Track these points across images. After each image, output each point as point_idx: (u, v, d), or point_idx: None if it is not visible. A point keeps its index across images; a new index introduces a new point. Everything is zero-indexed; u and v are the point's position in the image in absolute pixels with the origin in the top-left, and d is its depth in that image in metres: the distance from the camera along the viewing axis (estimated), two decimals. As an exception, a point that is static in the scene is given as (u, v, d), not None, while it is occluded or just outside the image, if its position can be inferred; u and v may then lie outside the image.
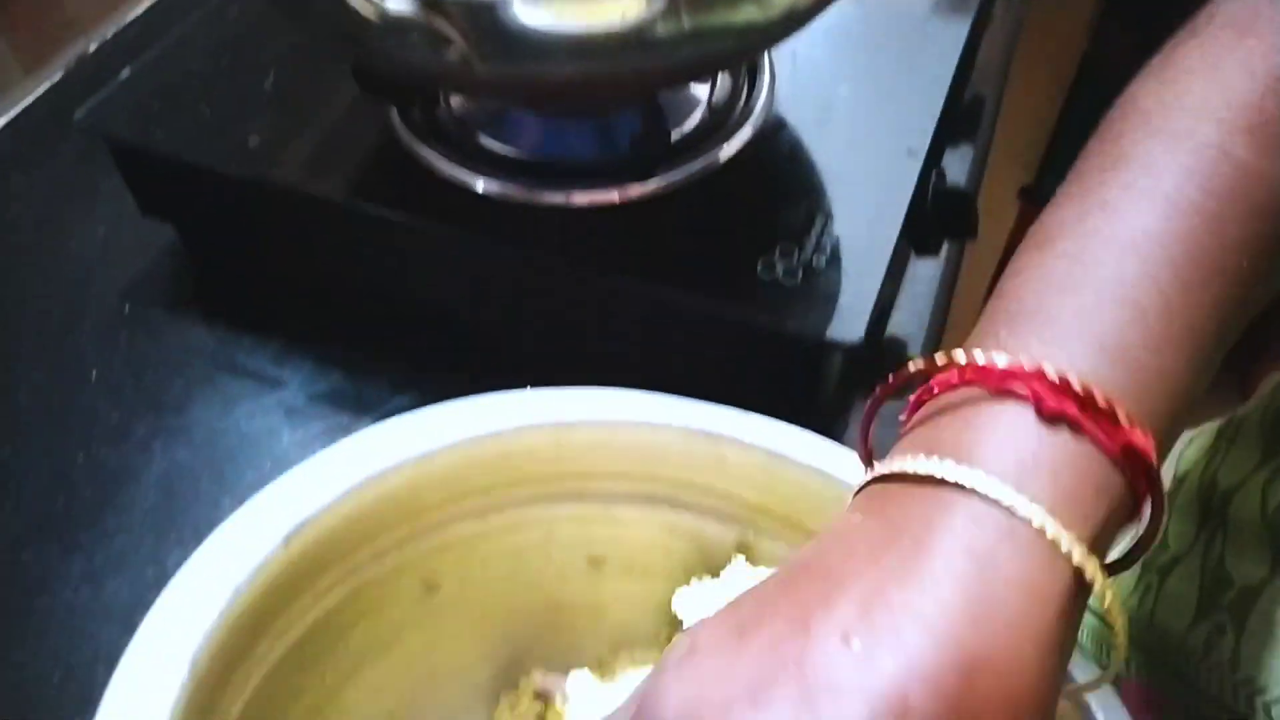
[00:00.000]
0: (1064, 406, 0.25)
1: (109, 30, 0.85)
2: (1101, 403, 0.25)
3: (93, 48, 0.84)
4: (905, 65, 0.64)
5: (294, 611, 0.39)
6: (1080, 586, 0.25)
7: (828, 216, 0.56)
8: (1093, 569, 0.25)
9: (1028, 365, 0.26)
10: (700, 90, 0.63)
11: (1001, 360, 0.26)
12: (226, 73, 0.65)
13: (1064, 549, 0.24)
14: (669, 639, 0.48)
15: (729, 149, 0.59)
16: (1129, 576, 0.49)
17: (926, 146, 0.58)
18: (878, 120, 0.61)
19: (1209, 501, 0.45)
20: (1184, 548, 0.45)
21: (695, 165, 0.58)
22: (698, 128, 0.61)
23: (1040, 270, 0.29)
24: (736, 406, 0.44)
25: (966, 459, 0.25)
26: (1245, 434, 0.45)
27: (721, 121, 0.61)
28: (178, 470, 0.61)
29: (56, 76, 0.82)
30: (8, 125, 0.78)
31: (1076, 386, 0.25)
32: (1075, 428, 0.25)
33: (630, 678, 0.46)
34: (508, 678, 0.49)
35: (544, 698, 0.48)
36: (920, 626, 0.23)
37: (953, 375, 0.28)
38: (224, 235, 0.67)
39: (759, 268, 0.53)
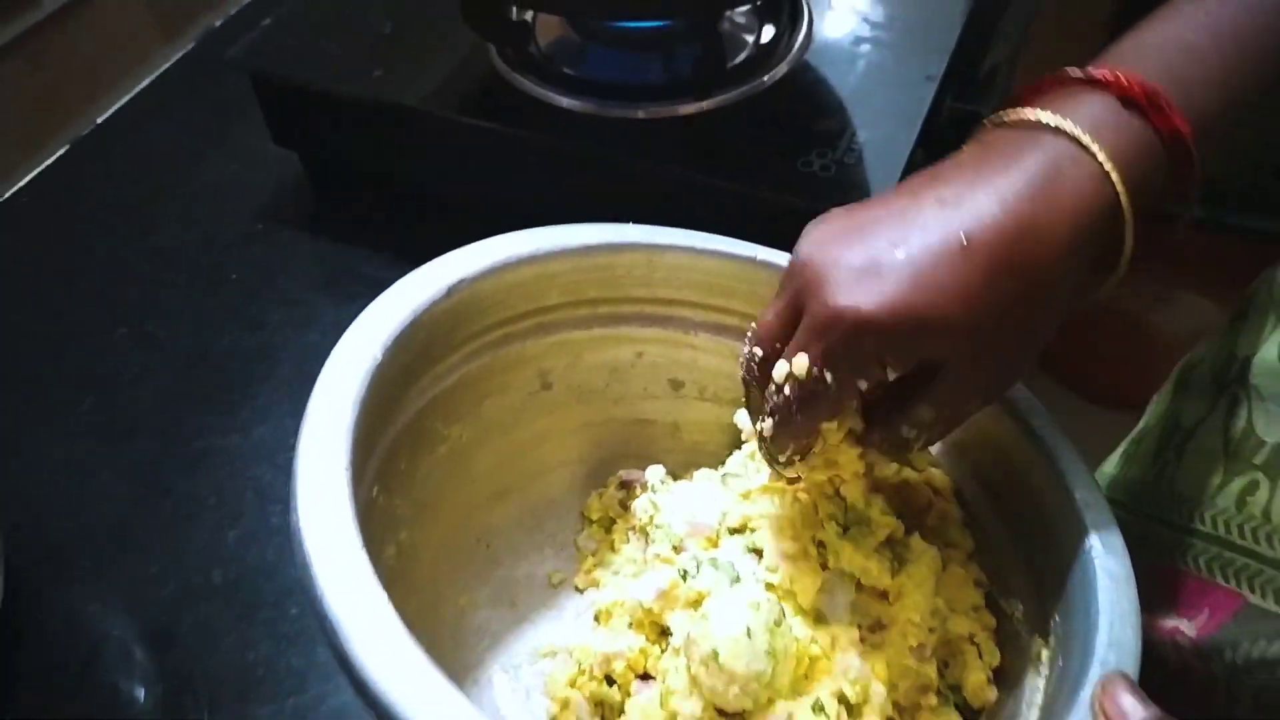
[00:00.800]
0: (1133, 92, 0.37)
1: (233, 8, 0.99)
2: (1160, 99, 0.37)
3: (218, 23, 0.97)
4: (926, 4, 0.76)
5: (446, 363, 0.49)
6: (1114, 211, 0.37)
7: (856, 128, 0.67)
8: (1125, 196, 0.37)
9: (1111, 72, 0.39)
10: (749, 32, 0.75)
11: (1094, 70, 0.39)
12: (351, 19, 0.78)
13: (1111, 176, 0.37)
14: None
15: (774, 75, 0.71)
16: (1147, 457, 0.53)
17: (942, 72, 0.69)
18: (901, 51, 0.72)
19: (1225, 373, 0.48)
20: (1197, 419, 0.49)
21: (745, 88, 0.70)
22: (747, 58, 0.73)
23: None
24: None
25: (1058, 114, 0.38)
26: (1258, 304, 0.49)
27: (768, 54, 0.73)
28: (308, 350, 0.72)
29: (190, 45, 0.95)
30: (151, 84, 0.92)
31: (1144, 84, 0.38)
32: (1139, 109, 0.38)
33: (700, 477, 0.56)
34: (599, 478, 0.59)
35: (626, 487, 0.57)
36: (994, 197, 0.36)
37: (1058, 75, 0.40)
38: (344, 159, 0.79)
39: (798, 164, 0.64)
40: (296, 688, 0.56)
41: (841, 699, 0.44)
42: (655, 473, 0.56)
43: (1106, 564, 0.41)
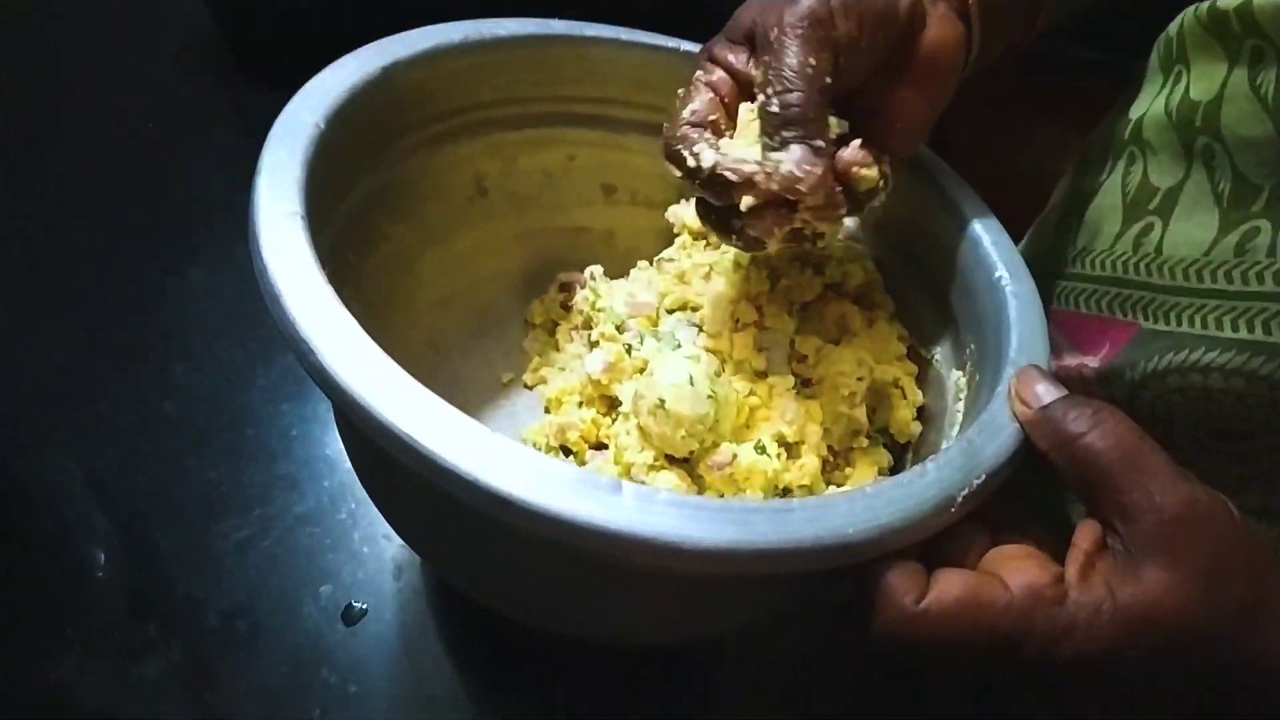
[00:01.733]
0: None
1: None
2: None
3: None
4: None
5: (385, 156, 0.50)
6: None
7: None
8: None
9: None
10: None
11: None
12: None
13: None
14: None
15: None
16: (1049, 228, 0.56)
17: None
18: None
19: (1120, 136, 0.51)
20: (1098, 184, 0.51)
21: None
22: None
23: None
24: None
25: None
26: (1152, 66, 0.50)
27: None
28: (237, 192, 0.71)
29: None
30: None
31: None
32: None
33: (636, 271, 0.58)
34: (539, 286, 0.61)
35: (567, 289, 0.59)
36: None
37: None
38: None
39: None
40: (261, 499, 0.58)
41: (781, 440, 0.48)
42: (594, 270, 0.58)
43: (1015, 288, 0.45)
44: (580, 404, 0.53)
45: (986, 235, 0.48)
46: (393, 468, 0.34)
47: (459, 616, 0.55)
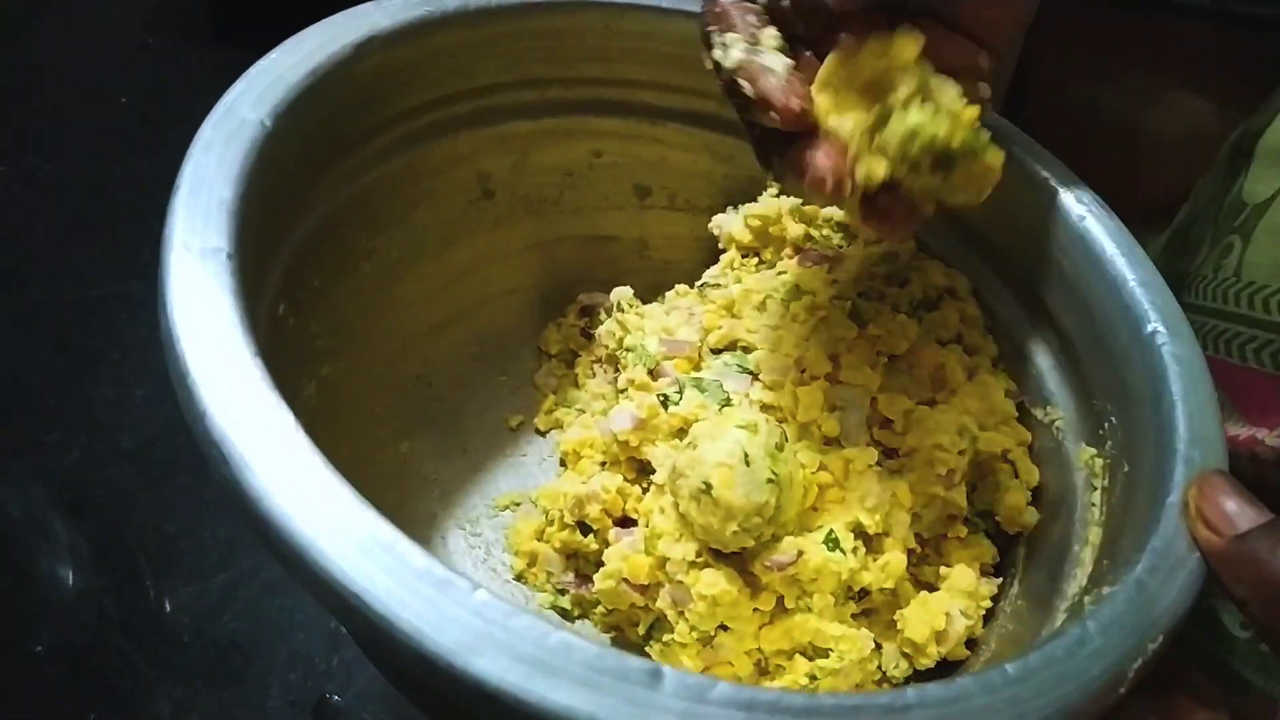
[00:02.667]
0: None
1: None
2: None
3: None
4: None
5: (361, 154, 0.40)
6: None
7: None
8: None
9: None
10: None
11: None
12: None
13: None
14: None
15: None
16: (1196, 245, 0.46)
17: None
18: None
19: None
20: (1271, 193, 0.41)
21: None
22: None
23: None
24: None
25: None
26: None
27: None
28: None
29: None
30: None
31: None
32: None
33: (673, 298, 0.47)
34: (556, 306, 0.50)
35: (588, 314, 0.49)
36: None
37: None
38: None
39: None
40: (224, 562, 0.48)
41: (858, 530, 0.38)
42: (622, 293, 0.47)
43: (1176, 350, 0.34)
44: (604, 464, 0.43)
45: (1131, 273, 0.37)
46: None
47: (451, 717, 0.45)
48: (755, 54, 0.32)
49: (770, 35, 0.33)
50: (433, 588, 0.23)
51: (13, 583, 0.46)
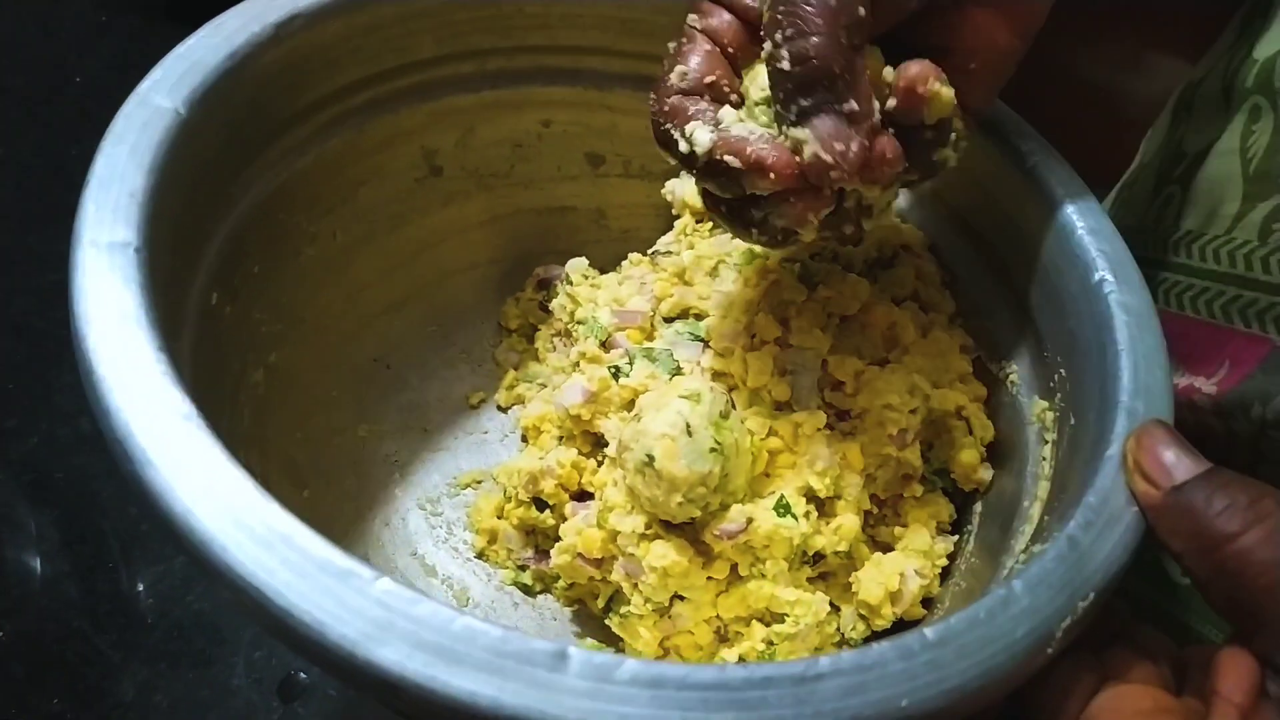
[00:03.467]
0: None
1: None
2: None
3: None
4: None
5: (294, 136, 0.39)
6: None
7: None
8: None
9: None
10: None
11: None
12: None
13: None
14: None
15: None
16: (1143, 197, 0.45)
17: None
18: None
19: (1238, 83, 0.40)
20: (1207, 143, 0.41)
21: None
22: None
23: None
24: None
25: None
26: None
27: None
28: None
29: None
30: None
31: None
32: None
33: (630, 265, 0.47)
34: (516, 280, 0.50)
35: (546, 286, 0.48)
36: None
37: None
38: None
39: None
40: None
41: (809, 495, 0.37)
42: (576, 265, 0.47)
43: (1123, 298, 0.34)
44: (560, 438, 0.43)
45: (1080, 220, 0.36)
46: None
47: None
48: (724, 131, 0.30)
49: (728, 113, 0.31)
50: (333, 578, 0.23)
51: None
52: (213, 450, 0.24)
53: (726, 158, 0.30)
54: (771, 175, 0.29)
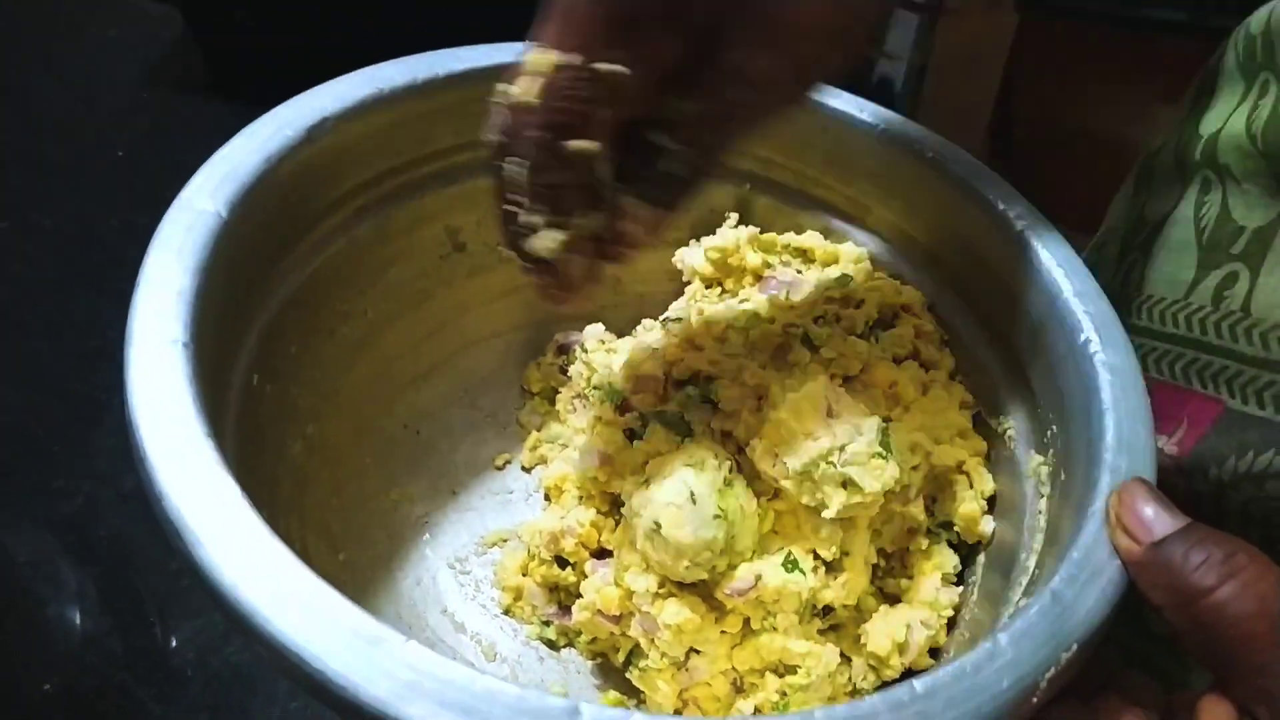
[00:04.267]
0: None
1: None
2: None
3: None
4: None
5: (326, 226, 0.42)
6: None
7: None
8: None
9: None
10: None
11: None
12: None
13: None
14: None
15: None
16: (1110, 261, 0.47)
17: None
18: None
19: (1189, 156, 0.42)
20: (1164, 212, 0.43)
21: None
22: None
23: None
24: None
25: None
26: (1225, 71, 0.42)
27: None
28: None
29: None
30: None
31: None
32: None
33: (645, 329, 0.49)
34: (537, 345, 0.52)
35: (565, 351, 0.51)
36: None
37: None
38: (230, 10, 0.70)
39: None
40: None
41: (816, 553, 0.39)
42: (593, 331, 0.49)
43: (1107, 358, 0.35)
44: (580, 498, 0.45)
45: (1067, 282, 0.38)
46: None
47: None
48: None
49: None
50: (366, 643, 0.25)
51: (21, 626, 0.48)
52: (257, 529, 0.27)
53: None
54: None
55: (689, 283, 0.49)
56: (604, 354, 0.48)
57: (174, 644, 0.49)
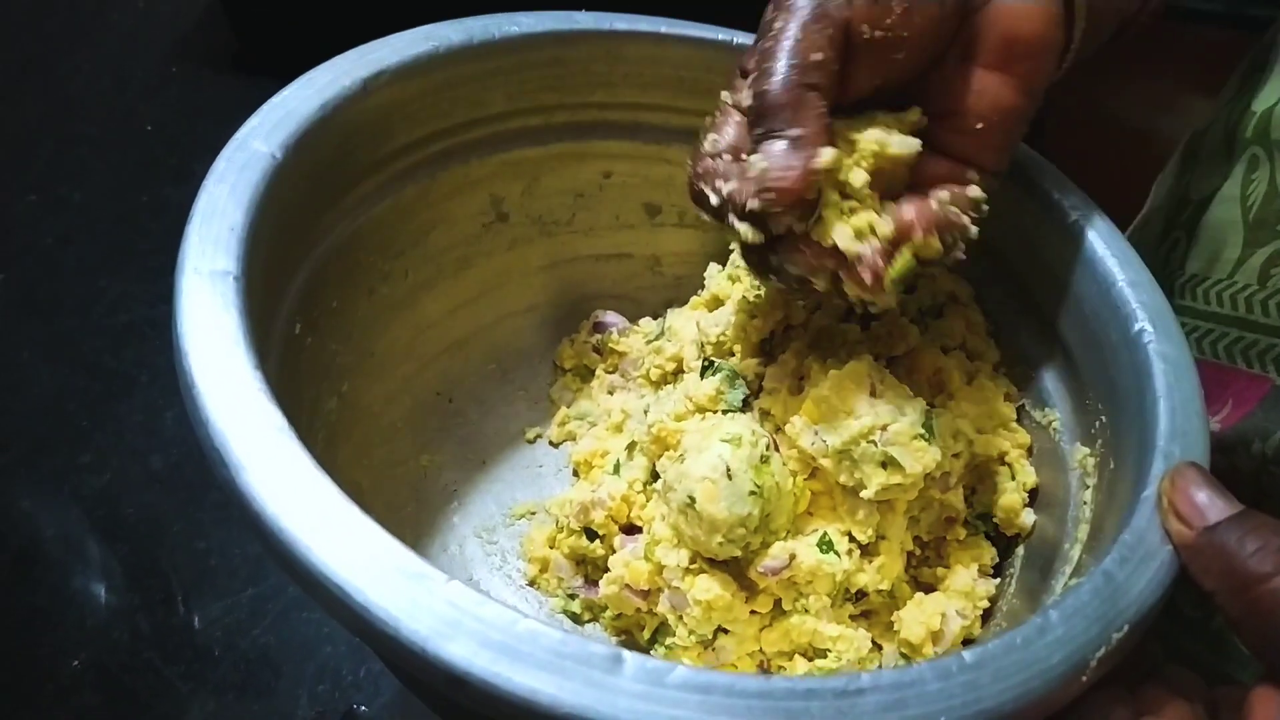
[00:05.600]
0: None
1: None
2: None
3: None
4: None
5: (373, 181, 0.42)
6: None
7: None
8: None
9: None
10: None
11: None
12: None
13: None
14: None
15: None
16: (1152, 241, 0.47)
17: None
18: None
19: (1239, 134, 0.42)
20: (1211, 190, 0.42)
21: None
22: None
23: None
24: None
25: None
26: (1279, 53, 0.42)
27: None
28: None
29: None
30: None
31: None
32: None
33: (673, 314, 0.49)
34: (572, 322, 0.52)
35: (601, 330, 0.51)
36: None
37: None
38: None
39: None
40: (253, 577, 0.50)
41: (851, 535, 0.38)
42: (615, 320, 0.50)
43: (1162, 348, 0.35)
44: (616, 468, 0.44)
45: (1121, 272, 0.37)
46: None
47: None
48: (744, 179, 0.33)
49: None
50: (408, 579, 0.25)
51: (50, 602, 0.48)
52: (302, 459, 0.27)
53: (749, 202, 0.32)
54: (773, 194, 0.32)
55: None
56: (639, 334, 0.47)
57: (200, 624, 0.49)
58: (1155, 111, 0.61)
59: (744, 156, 0.33)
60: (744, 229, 0.33)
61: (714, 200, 0.34)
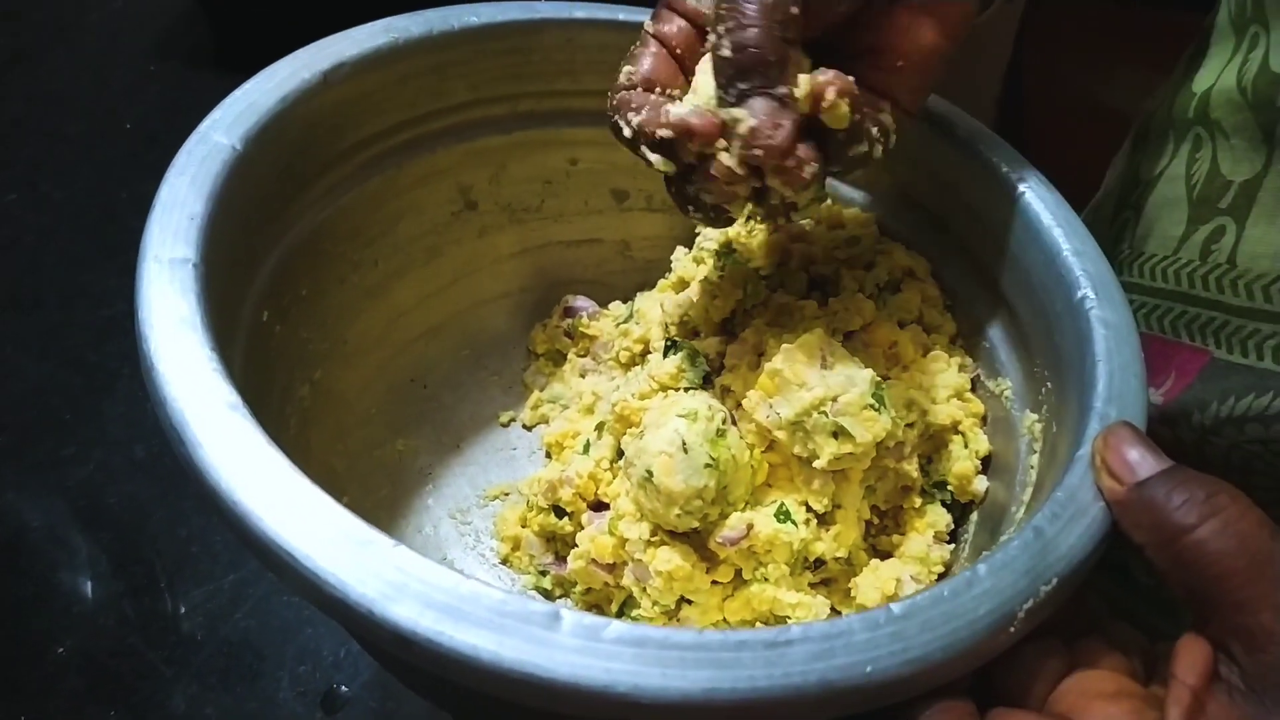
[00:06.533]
0: None
1: None
2: None
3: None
4: None
5: (339, 172, 0.43)
6: None
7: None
8: None
9: None
10: None
11: None
12: None
13: None
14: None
15: None
16: (1105, 221, 0.48)
17: None
18: None
19: (1183, 114, 0.43)
20: (1158, 170, 0.44)
21: None
22: None
23: None
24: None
25: None
26: (1219, 31, 0.43)
27: None
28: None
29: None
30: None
31: None
32: None
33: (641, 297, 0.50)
34: (545, 308, 0.53)
35: (571, 315, 0.52)
36: None
37: None
38: None
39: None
40: (234, 563, 0.52)
41: (809, 505, 0.39)
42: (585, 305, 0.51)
43: (1103, 314, 0.36)
44: (586, 448, 0.45)
45: (1066, 242, 0.38)
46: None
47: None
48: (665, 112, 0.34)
49: (675, 106, 0.34)
50: (356, 545, 0.26)
51: (35, 592, 0.50)
52: (254, 435, 0.28)
53: (659, 131, 0.33)
54: (695, 134, 0.33)
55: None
56: (608, 318, 0.48)
57: (184, 610, 0.50)
58: (1134, 96, 0.62)
59: (659, 90, 0.35)
60: (655, 159, 0.34)
61: (627, 132, 0.35)
